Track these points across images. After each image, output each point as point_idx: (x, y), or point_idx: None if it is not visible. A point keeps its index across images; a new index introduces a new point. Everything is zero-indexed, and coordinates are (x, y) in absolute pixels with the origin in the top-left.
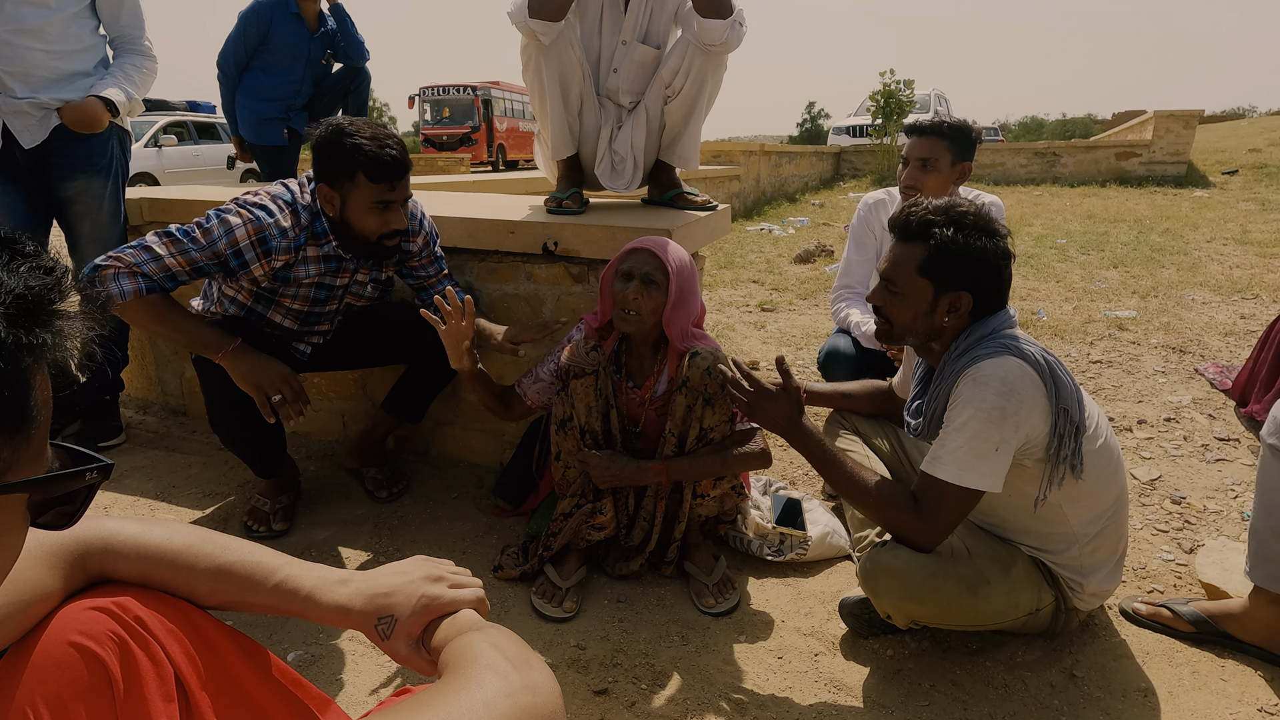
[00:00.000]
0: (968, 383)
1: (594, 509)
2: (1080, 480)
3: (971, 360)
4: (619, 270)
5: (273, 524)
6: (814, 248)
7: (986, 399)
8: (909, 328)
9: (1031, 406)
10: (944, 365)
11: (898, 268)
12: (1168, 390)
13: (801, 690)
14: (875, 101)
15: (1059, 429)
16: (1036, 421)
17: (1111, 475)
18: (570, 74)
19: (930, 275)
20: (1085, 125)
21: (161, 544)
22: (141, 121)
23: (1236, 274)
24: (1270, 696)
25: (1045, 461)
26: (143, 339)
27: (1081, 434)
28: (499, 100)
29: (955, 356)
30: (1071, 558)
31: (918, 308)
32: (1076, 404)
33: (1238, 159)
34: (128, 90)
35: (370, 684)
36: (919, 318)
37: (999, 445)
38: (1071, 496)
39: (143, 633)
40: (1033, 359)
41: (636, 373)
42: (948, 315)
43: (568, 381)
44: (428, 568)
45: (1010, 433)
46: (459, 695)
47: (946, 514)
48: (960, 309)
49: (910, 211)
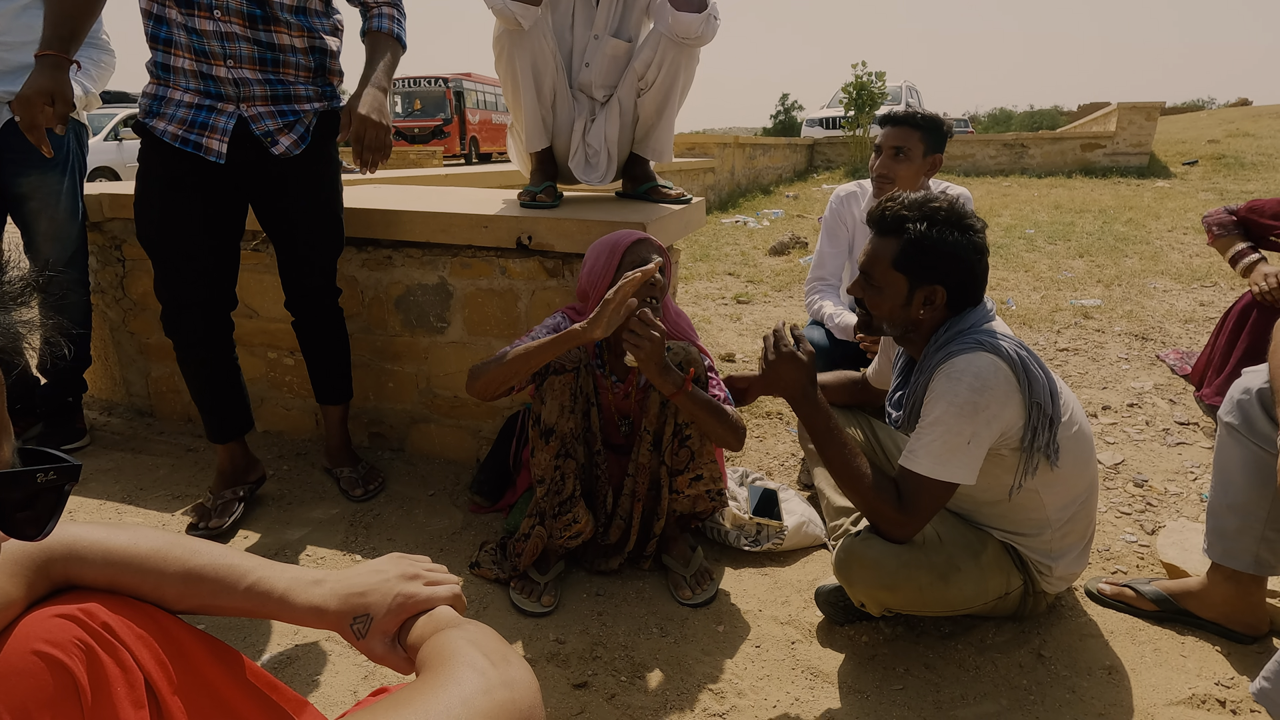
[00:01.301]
0: (941, 378)
1: (570, 518)
2: (1056, 468)
3: (946, 356)
4: (632, 263)
5: (210, 519)
6: (788, 240)
7: (959, 394)
8: (888, 319)
9: (1005, 401)
10: (923, 359)
11: (874, 261)
12: (1131, 376)
13: (779, 678)
14: (848, 93)
15: (1032, 421)
16: (1011, 415)
17: (1085, 462)
18: (543, 66)
19: (904, 269)
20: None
21: (128, 549)
22: (100, 114)
23: (1196, 262)
24: (1227, 670)
25: (1021, 451)
26: (106, 338)
27: (1056, 425)
28: (471, 92)
29: (933, 351)
30: (1043, 542)
31: (895, 301)
32: (1050, 396)
33: (1197, 150)
34: (84, 83)
35: (348, 684)
36: (896, 310)
37: (971, 439)
38: (1048, 483)
39: (110, 639)
40: (1006, 354)
41: (619, 367)
42: (923, 309)
43: (546, 375)
44: (403, 565)
45: (983, 426)
46: (436, 693)
47: (922, 507)
48: (935, 302)
49: (886, 206)
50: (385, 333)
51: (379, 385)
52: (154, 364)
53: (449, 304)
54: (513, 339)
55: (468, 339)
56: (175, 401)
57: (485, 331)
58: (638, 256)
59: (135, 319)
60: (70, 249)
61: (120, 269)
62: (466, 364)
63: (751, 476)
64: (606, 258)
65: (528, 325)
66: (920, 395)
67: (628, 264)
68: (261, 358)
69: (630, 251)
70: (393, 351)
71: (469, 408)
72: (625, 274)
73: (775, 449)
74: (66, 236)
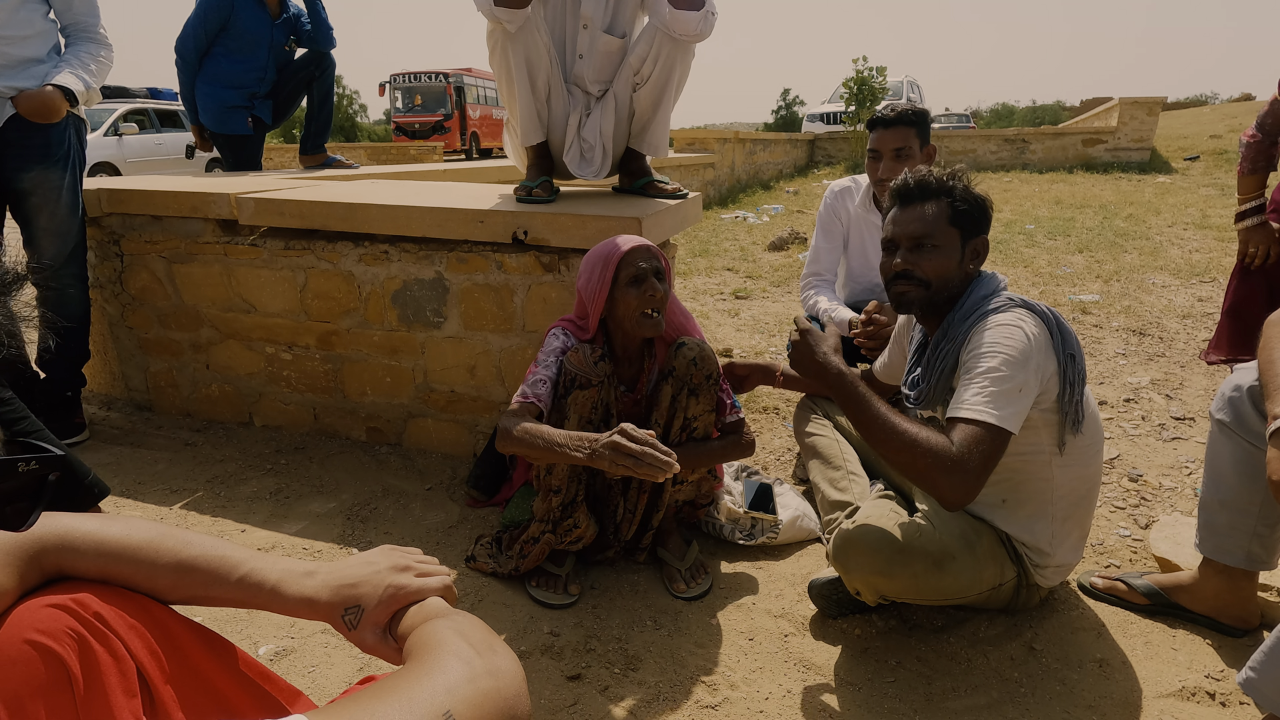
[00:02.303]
0: (986, 334)
1: (571, 523)
2: (1079, 434)
3: (980, 317)
4: (629, 274)
5: None
6: (788, 235)
7: (1009, 345)
8: (947, 281)
9: (1047, 353)
10: (948, 329)
11: (929, 223)
12: (1128, 372)
13: (772, 670)
14: (849, 89)
15: (1067, 375)
16: (1051, 368)
17: (1097, 448)
18: (537, 60)
19: (959, 224)
20: (1054, 112)
21: (121, 539)
22: (99, 109)
23: (1195, 258)
24: (1217, 663)
25: (1057, 410)
26: (105, 333)
27: (1083, 384)
28: (472, 87)
29: (959, 320)
30: (1045, 524)
31: (953, 258)
32: (1080, 352)
33: (1199, 145)
34: (85, 79)
35: (344, 675)
36: (953, 269)
37: (1022, 387)
38: (1064, 458)
39: (102, 629)
40: (1040, 310)
41: (625, 375)
42: (973, 262)
43: (571, 390)
44: (394, 557)
45: (1032, 375)
46: (421, 680)
47: (980, 457)
48: (981, 255)
49: (919, 176)
50: (382, 327)
51: (376, 380)
52: (153, 359)
53: (445, 299)
54: (508, 334)
55: (464, 334)
56: (174, 396)
57: (481, 326)
58: (633, 267)
59: (134, 314)
60: (70, 244)
61: (119, 264)
62: (463, 359)
63: (747, 471)
64: (601, 270)
65: (524, 320)
66: (949, 364)
67: (624, 276)
68: (260, 353)
69: (624, 263)
70: (389, 346)
71: (465, 402)
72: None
73: (771, 444)
74: (66, 232)
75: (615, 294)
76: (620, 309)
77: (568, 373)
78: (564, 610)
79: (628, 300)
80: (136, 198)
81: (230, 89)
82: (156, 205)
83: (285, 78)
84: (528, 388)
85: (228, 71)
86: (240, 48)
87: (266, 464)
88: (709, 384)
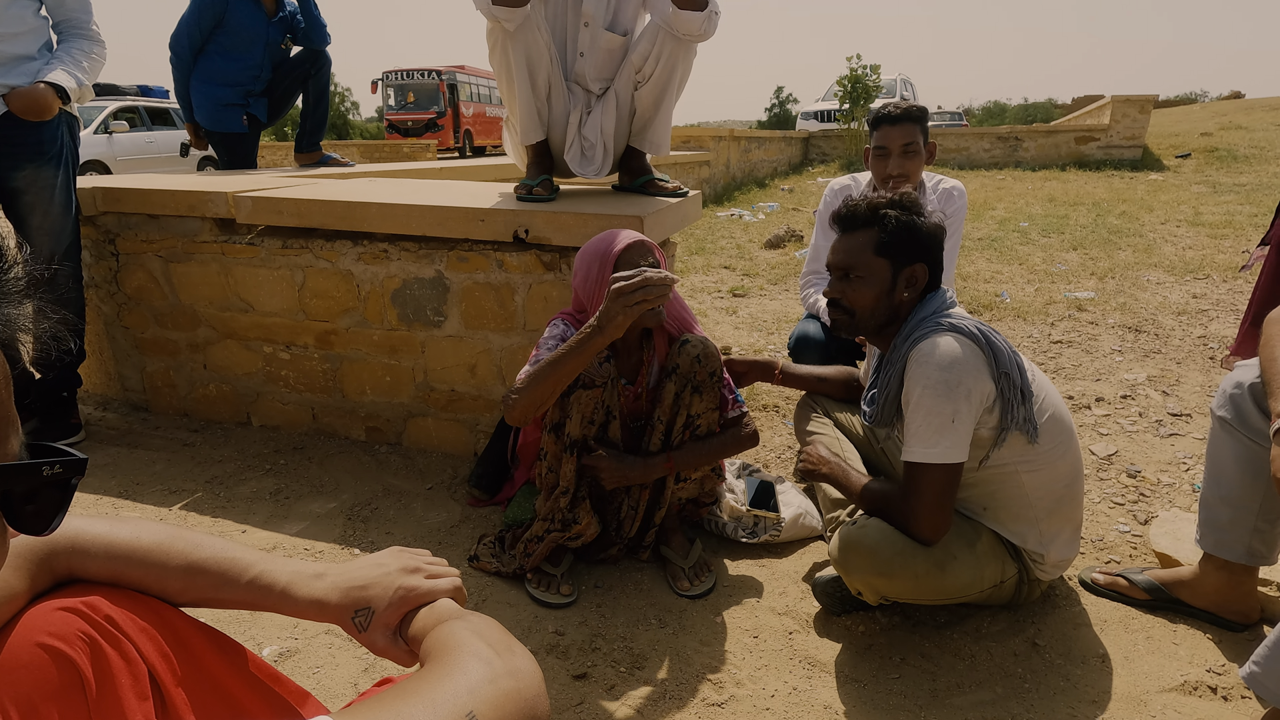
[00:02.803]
0: (912, 364)
1: (572, 518)
2: (1035, 444)
3: (912, 344)
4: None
5: None
6: (784, 233)
7: (931, 375)
8: (872, 311)
9: (977, 374)
10: (892, 352)
11: (855, 254)
12: (1124, 368)
13: (777, 668)
14: (842, 86)
15: (1004, 394)
16: (986, 388)
17: (1065, 446)
18: (537, 58)
19: (888, 254)
20: (1046, 110)
21: (131, 542)
22: (90, 106)
23: (1189, 255)
24: (1218, 657)
25: (999, 429)
26: (101, 333)
27: (1030, 398)
28: (465, 85)
29: (901, 342)
30: (1029, 526)
31: (879, 288)
32: (1016, 369)
33: (1190, 143)
34: (77, 76)
35: (350, 676)
36: (881, 298)
37: (954, 417)
38: (1028, 463)
39: (114, 631)
40: (966, 330)
41: (625, 368)
42: (906, 291)
43: (574, 389)
44: (404, 559)
45: (962, 402)
46: (443, 681)
47: (924, 495)
48: (918, 283)
49: (854, 204)
50: (381, 326)
51: (375, 379)
52: (149, 358)
53: (446, 298)
54: (509, 333)
55: (465, 333)
56: (171, 396)
57: (482, 325)
58: (629, 263)
59: (130, 313)
60: (64, 243)
61: (114, 263)
62: (464, 358)
63: (749, 469)
64: (599, 268)
65: (525, 319)
66: (894, 389)
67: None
68: (258, 352)
69: (621, 259)
70: (389, 345)
71: (466, 401)
72: (616, 277)
73: (772, 441)
74: (60, 230)
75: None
76: None
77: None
78: (568, 609)
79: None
80: (132, 196)
81: (226, 87)
82: (153, 204)
83: (280, 76)
84: (527, 367)
85: (222, 69)
86: (235, 45)
87: (265, 464)
88: (712, 381)
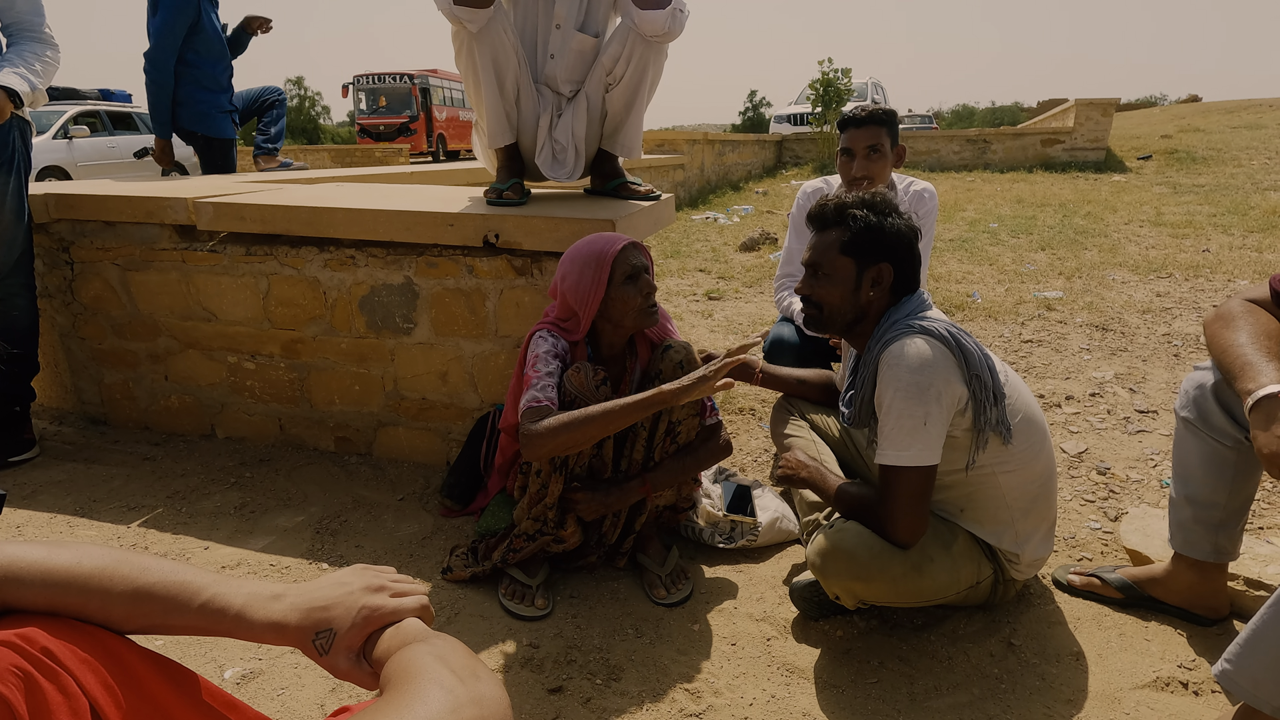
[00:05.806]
0: (884, 367)
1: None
2: (1010, 445)
3: (884, 346)
4: (624, 272)
5: None
6: (758, 235)
7: (901, 378)
8: (838, 309)
9: (948, 376)
10: (866, 353)
11: (821, 252)
12: (1092, 367)
13: (755, 675)
14: (815, 90)
15: (976, 395)
16: (957, 389)
17: (1038, 446)
18: (504, 60)
19: (852, 253)
20: (1013, 113)
21: (70, 568)
22: (48, 111)
23: (1152, 254)
24: (1189, 653)
25: (973, 430)
26: (55, 344)
27: (1002, 399)
28: (437, 89)
29: (874, 344)
30: (1005, 527)
31: (845, 286)
32: (988, 370)
33: (1151, 145)
34: (30, 79)
35: (316, 698)
36: (846, 296)
37: (926, 419)
38: (1004, 465)
39: (51, 665)
40: (936, 333)
41: (610, 375)
42: (872, 290)
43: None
44: (367, 577)
45: (934, 404)
46: (401, 712)
47: (900, 499)
48: (883, 282)
49: (824, 203)
50: (349, 334)
51: (344, 389)
52: (107, 370)
53: (415, 304)
54: (481, 339)
55: (435, 340)
56: (130, 408)
57: (453, 332)
58: (628, 264)
59: (86, 324)
60: (15, 252)
61: (69, 272)
62: (434, 365)
63: (725, 473)
64: (595, 270)
65: (497, 325)
66: (868, 390)
67: (619, 274)
68: (221, 362)
69: (620, 260)
70: (358, 354)
71: (438, 410)
72: (729, 355)
73: (748, 445)
74: (11, 239)
75: (611, 293)
76: (618, 306)
77: (568, 393)
78: (543, 621)
79: (627, 297)
80: (87, 203)
81: (221, 92)
82: (109, 210)
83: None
84: (536, 392)
85: (211, 74)
86: (210, 49)
87: (230, 477)
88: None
